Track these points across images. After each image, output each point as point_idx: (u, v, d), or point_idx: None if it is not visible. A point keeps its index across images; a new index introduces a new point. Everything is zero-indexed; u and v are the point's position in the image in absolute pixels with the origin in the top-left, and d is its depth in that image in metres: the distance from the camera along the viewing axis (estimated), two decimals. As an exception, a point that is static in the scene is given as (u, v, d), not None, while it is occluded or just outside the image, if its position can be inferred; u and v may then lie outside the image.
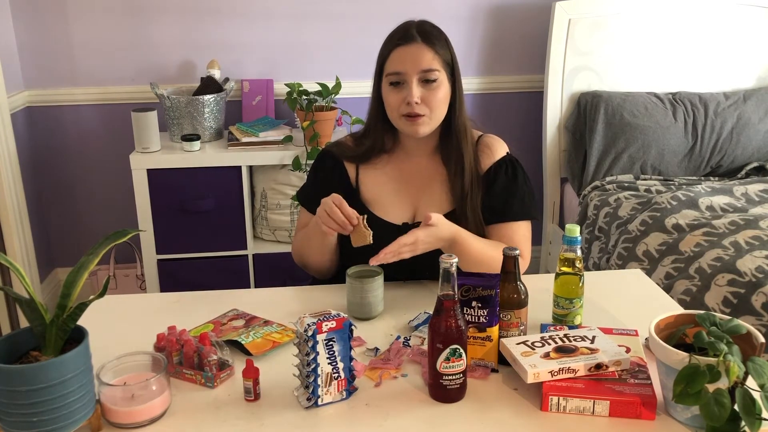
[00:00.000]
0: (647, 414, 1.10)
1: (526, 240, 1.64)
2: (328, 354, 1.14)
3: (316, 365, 1.14)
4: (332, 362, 1.15)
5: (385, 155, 1.67)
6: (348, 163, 1.67)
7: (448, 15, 3.05)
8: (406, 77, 1.53)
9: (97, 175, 3.11)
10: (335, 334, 1.14)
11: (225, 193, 2.75)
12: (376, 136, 1.65)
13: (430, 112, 1.55)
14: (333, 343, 1.14)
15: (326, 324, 1.13)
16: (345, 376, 1.17)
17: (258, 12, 2.98)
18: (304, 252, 1.65)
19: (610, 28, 3.00)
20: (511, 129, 3.21)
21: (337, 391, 1.16)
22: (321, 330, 1.13)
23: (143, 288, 3.01)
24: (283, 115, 3.06)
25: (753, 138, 2.95)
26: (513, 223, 1.61)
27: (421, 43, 1.54)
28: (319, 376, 1.14)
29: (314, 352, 1.13)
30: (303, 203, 1.72)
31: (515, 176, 1.64)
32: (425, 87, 1.54)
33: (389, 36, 1.59)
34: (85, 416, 1.05)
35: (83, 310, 1.06)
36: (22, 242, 2.80)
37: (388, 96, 1.57)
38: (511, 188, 1.62)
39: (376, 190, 1.65)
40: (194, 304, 1.53)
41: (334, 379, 1.16)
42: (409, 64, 1.53)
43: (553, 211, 3.20)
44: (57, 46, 2.94)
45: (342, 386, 1.17)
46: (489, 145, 1.66)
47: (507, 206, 1.61)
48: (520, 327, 1.27)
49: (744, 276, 1.99)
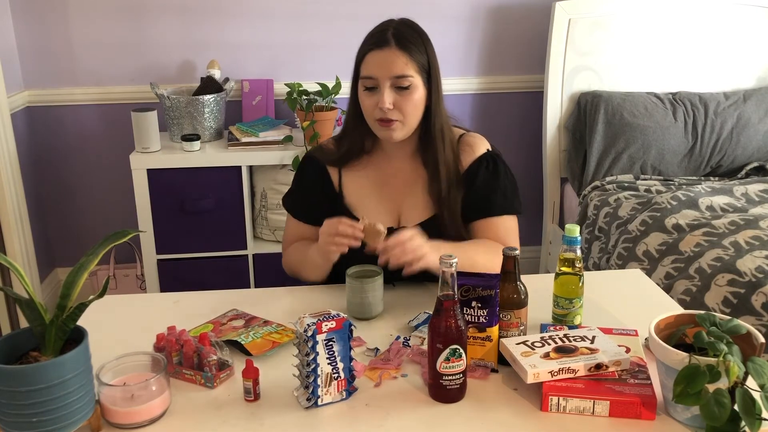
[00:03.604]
0: (647, 414, 1.10)
1: (513, 234, 1.62)
2: (328, 354, 1.14)
3: (316, 365, 1.14)
4: (332, 362, 1.15)
5: (365, 156, 1.66)
6: (331, 168, 1.66)
7: (448, 15, 3.05)
8: (378, 82, 1.52)
9: (97, 175, 3.11)
10: (335, 334, 1.14)
11: (225, 193, 2.75)
12: (355, 137, 1.63)
13: (403, 117, 1.53)
14: (333, 343, 1.14)
15: (326, 324, 1.13)
16: (345, 377, 1.17)
17: (258, 12, 2.98)
18: (301, 269, 1.64)
19: (610, 28, 2.99)
20: (511, 129, 3.21)
21: (337, 391, 1.16)
22: (321, 330, 1.13)
23: (143, 288, 3.01)
24: (283, 115, 3.06)
25: (753, 138, 2.95)
26: (497, 218, 1.60)
27: (394, 48, 1.51)
28: (319, 376, 1.14)
29: (314, 352, 1.13)
30: (289, 210, 1.71)
31: (496, 171, 1.62)
32: (398, 93, 1.52)
33: (366, 36, 1.56)
34: (85, 416, 1.05)
35: (83, 311, 1.06)
36: (22, 242, 2.80)
37: (363, 99, 1.55)
38: (492, 183, 1.61)
39: (360, 195, 1.64)
40: (194, 304, 1.53)
41: (334, 379, 1.16)
42: (381, 70, 1.51)
43: (553, 211, 3.20)
44: (57, 46, 2.94)
45: (342, 386, 1.17)
46: (470, 144, 1.64)
47: (489, 202, 1.60)
48: (520, 327, 1.27)
49: (744, 276, 1.99)
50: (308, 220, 1.68)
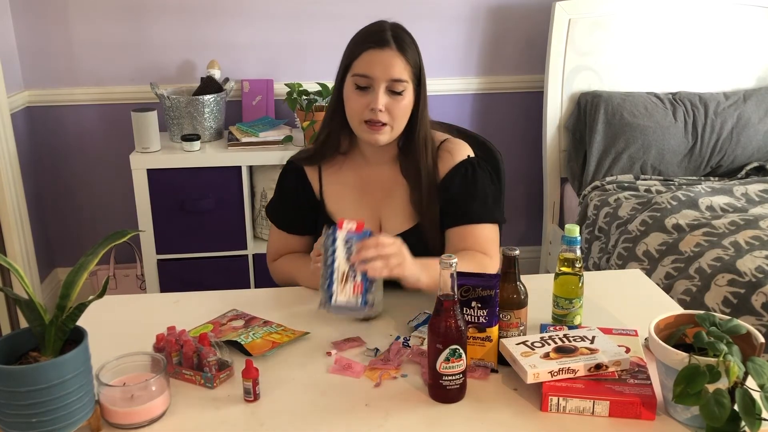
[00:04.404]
0: (647, 414, 1.10)
1: (492, 243, 1.55)
2: (347, 254, 1.20)
3: (334, 260, 1.18)
4: (350, 263, 1.21)
5: (340, 156, 1.63)
6: (311, 175, 1.64)
7: (448, 15, 3.05)
8: (373, 82, 1.48)
9: (97, 175, 3.11)
10: (354, 236, 1.20)
11: (225, 193, 2.75)
12: (331, 131, 1.59)
13: (392, 121, 1.50)
14: (351, 244, 1.20)
15: (347, 224, 1.23)
16: (362, 282, 1.20)
17: (258, 12, 2.98)
18: (292, 284, 1.64)
19: (610, 28, 2.99)
20: (511, 129, 3.21)
21: (352, 294, 1.19)
22: (341, 227, 1.22)
23: (143, 288, 3.01)
24: (283, 115, 3.06)
25: (753, 138, 2.95)
26: (474, 226, 1.54)
27: (395, 50, 1.48)
28: (335, 272, 1.17)
29: (333, 246, 1.19)
30: (272, 220, 1.70)
31: (475, 179, 1.58)
32: (390, 96, 1.49)
33: (362, 35, 1.53)
34: (85, 417, 1.05)
35: (82, 311, 1.05)
36: (22, 242, 2.80)
37: (351, 98, 1.51)
38: (470, 190, 1.56)
39: (340, 202, 1.62)
40: (194, 305, 1.53)
41: (351, 279, 1.18)
42: (379, 70, 1.47)
43: (553, 211, 3.20)
44: (57, 46, 2.94)
45: (359, 290, 1.19)
46: (449, 150, 1.60)
47: (466, 208, 1.55)
48: (519, 327, 1.27)
49: (744, 276, 1.99)
50: (290, 229, 1.67)
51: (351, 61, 1.51)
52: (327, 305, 1.19)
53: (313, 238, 1.67)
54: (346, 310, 1.23)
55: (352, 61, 1.51)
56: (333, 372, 1.25)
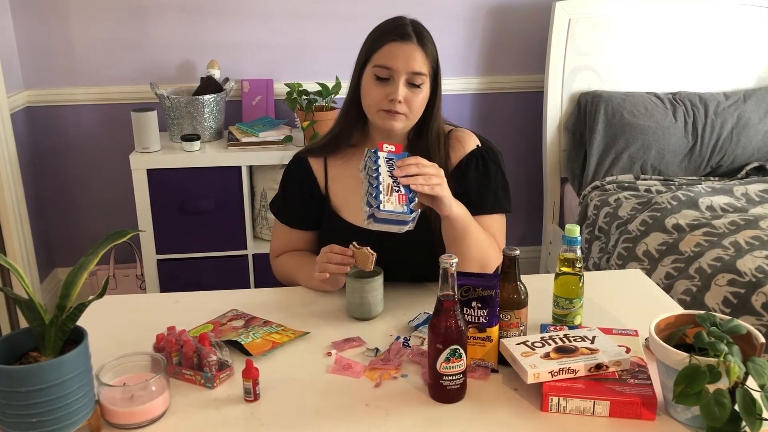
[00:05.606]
0: (647, 414, 1.10)
1: (501, 233, 1.61)
2: (389, 170, 1.27)
3: (378, 174, 1.25)
4: (393, 176, 1.27)
5: (349, 149, 1.64)
6: (317, 169, 1.66)
7: (448, 15, 3.05)
8: (394, 74, 1.50)
9: (97, 175, 3.11)
10: (395, 156, 1.29)
11: (225, 193, 2.75)
12: (345, 125, 1.62)
13: (409, 112, 1.53)
14: (392, 163, 1.28)
15: (387, 146, 1.33)
16: (405, 192, 1.27)
17: (258, 12, 2.98)
18: (293, 282, 1.65)
19: (610, 28, 2.99)
20: (511, 129, 3.21)
21: (399, 203, 1.25)
22: (382, 149, 1.33)
23: (143, 288, 3.01)
24: (283, 115, 3.06)
25: (753, 138, 2.95)
26: (486, 217, 1.58)
27: (416, 44, 1.51)
28: (381, 184, 1.25)
29: (376, 164, 1.26)
30: (277, 215, 1.71)
31: (486, 169, 1.61)
32: (409, 89, 1.52)
33: (383, 28, 1.55)
34: (85, 417, 1.05)
35: (82, 311, 1.05)
36: (22, 242, 2.80)
37: (370, 88, 1.53)
38: (483, 181, 1.60)
39: (345, 195, 1.63)
40: (194, 304, 1.53)
41: (395, 191, 1.25)
42: (401, 62, 1.50)
43: (553, 211, 3.20)
44: (57, 46, 2.94)
45: (404, 200, 1.26)
46: (459, 139, 1.63)
47: (480, 199, 1.58)
48: (520, 327, 1.27)
49: (744, 276, 1.99)
50: (295, 224, 1.68)
51: (372, 53, 1.54)
52: (374, 215, 1.25)
53: (317, 235, 1.68)
54: (391, 222, 1.28)
55: (373, 53, 1.53)
56: (333, 372, 1.25)
